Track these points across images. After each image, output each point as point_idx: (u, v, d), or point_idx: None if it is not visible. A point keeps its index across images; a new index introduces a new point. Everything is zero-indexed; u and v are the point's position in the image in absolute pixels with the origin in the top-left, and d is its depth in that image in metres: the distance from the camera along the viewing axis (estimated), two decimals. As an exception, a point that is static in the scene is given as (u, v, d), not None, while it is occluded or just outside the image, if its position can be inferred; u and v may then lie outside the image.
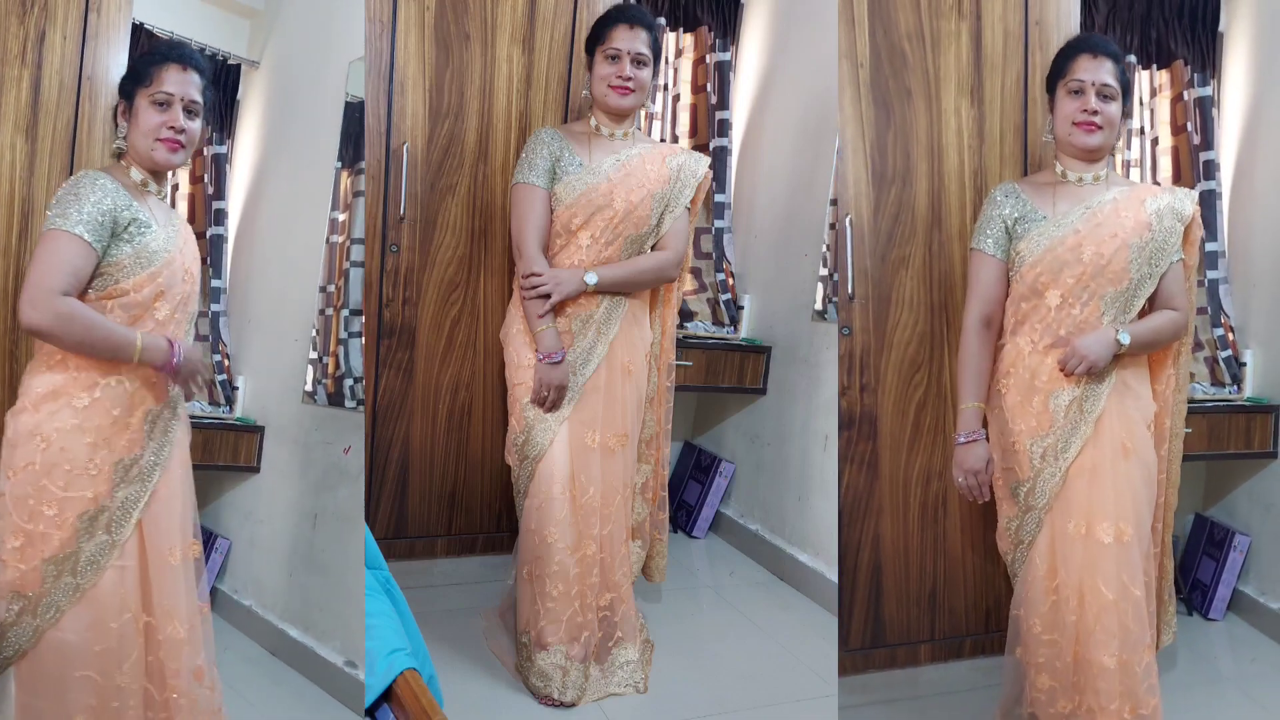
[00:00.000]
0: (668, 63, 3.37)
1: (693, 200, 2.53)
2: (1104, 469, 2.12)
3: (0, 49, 2.18)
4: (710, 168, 2.56)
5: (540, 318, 2.37)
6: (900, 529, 2.48)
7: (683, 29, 3.37)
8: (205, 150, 3.19)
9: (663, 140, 3.30)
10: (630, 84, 2.41)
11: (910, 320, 2.44)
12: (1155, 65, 3.06)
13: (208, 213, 3.20)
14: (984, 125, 2.45)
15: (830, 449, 2.90)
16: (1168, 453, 2.28)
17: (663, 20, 3.28)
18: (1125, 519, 2.10)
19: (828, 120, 2.91)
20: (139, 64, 2.00)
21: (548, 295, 2.36)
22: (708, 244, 3.35)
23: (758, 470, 3.25)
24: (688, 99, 3.39)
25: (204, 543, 3.03)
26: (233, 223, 3.22)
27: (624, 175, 2.43)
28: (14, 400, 1.91)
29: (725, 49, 3.34)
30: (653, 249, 2.48)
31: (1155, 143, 3.10)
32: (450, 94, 2.64)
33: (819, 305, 3.01)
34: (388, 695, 1.83)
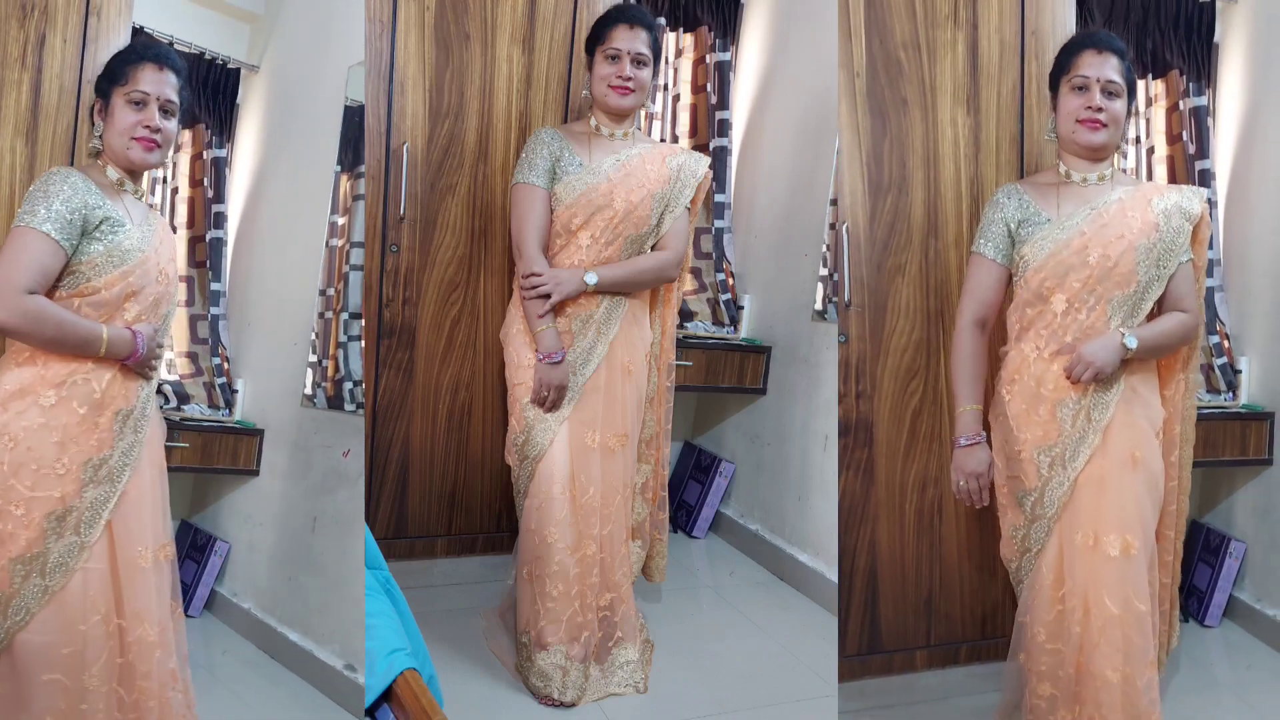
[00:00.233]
0: (668, 63, 3.37)
1: (693, 200, 2.53)
2: (1112, 480, 2.07)
3: (0, 52, 2.18)
4: (710, 168, 2.56)
5: (540, 318, 2.37)
6: (896, 535, 2.48)
7: (683, 29, 3.37)
8: (205, 154, 3.19)
9: (663, 140, 3.30)
10: (630, 84, 2.41)
11: (906, 328, 2.44)
12: (1151, 75, 3.06)
13: (207, 216, 3.20)
14: (980, 134, 2.45)
15: (830, 449, 2.90)
16: (1178, 459, 2.22)
17: (663, 20, 3.28)
18: (1132, 531, 2.05)
19: (828, 120, 2.91)
20: (115, 63, 1.99)
21: (548, 295, 2.36)
22: (708, 244, 3.35)
23: (758, 470, 3.25)
24: (688, 99, 3.39)
25: (203, 546, 3.06)
26: (232, 226, 3.22)
27: (624, 175, 2.43)
28: None
29: (725, 49, 3.34)
30: (653, 249, 2.48)
31: (1151, 152, 3.11)
32: (450, 94, 2.64)
33: (819, 305, 3.01)
34: (388, 695, 1.83)
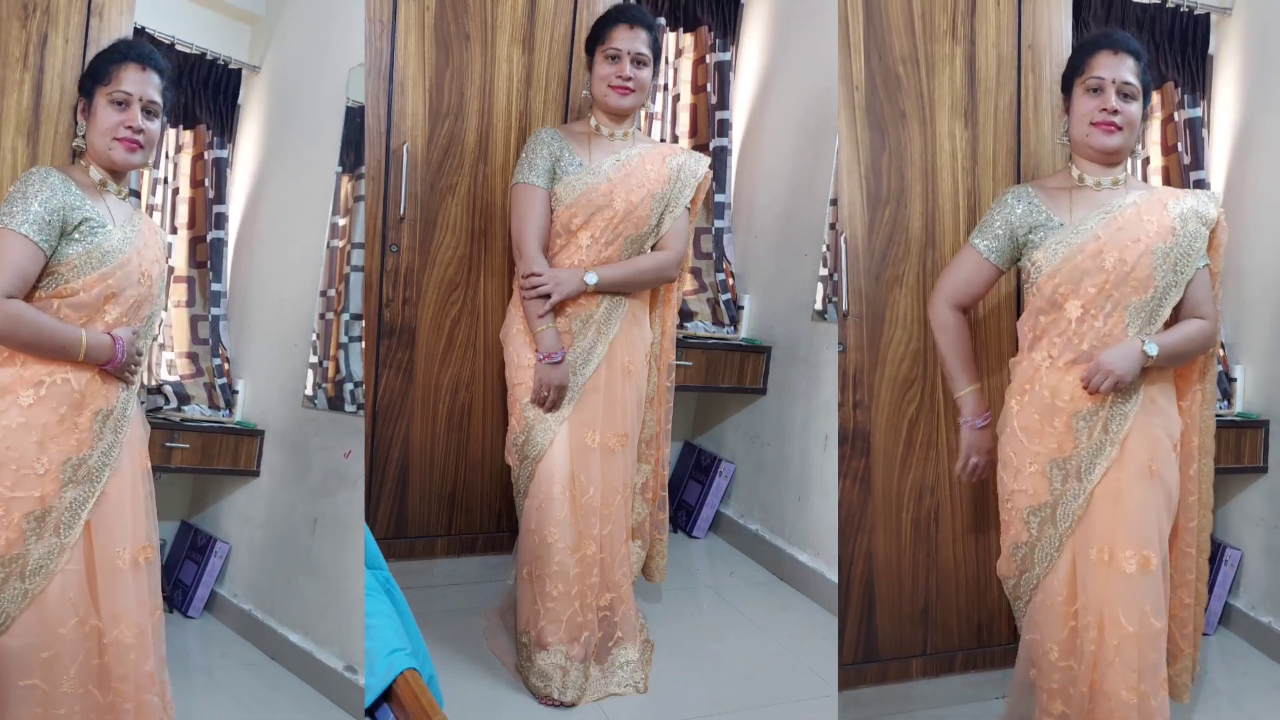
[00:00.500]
0: (668, 63, 3.37)
1: (693, 200, 2.53)
2: (1128, 493, 2.02)
3: (2, 52, 2.17)
4: (710, 168, 2.56)
5: (540, 318, 2.37)
6: (893, 544, 2.48)
7: (683, 29, 3.37)
8: (206, 154, 3.19)
9: (663, 140, 3.30)
10: (630, 84, 2.41)
11: (904, 338, 2.45)
12: (1147, 87, 3.09)
13: (208, 217, 3.20)
14: (978, 147, 2.45)
15: (830, 449, 2.90)
16: (1197, 472, 2.17)
17: (663, 20, 3.29)
18: (1150, 545, 2.01)
19: (828, 120, 2.91)
20: (98, 62, 1.98)
21: (548, 295, 2.36)
22: (708, 244, 3.35)
23: (758, 470, 3.25)
24: (688, 99, 3.40)
25: (203, 547, 3.06)
26: (233, 227, 3.22)
27: (624, 175, 2.43)
28: None
29: (725, 49, 3.35)
30: (653, 249, 2.48)
31: (1146, 163, 3.13)
32: (450, 94, 2.65)
33: (819, 305, 3.01)
34: (388, 695, 1.82)
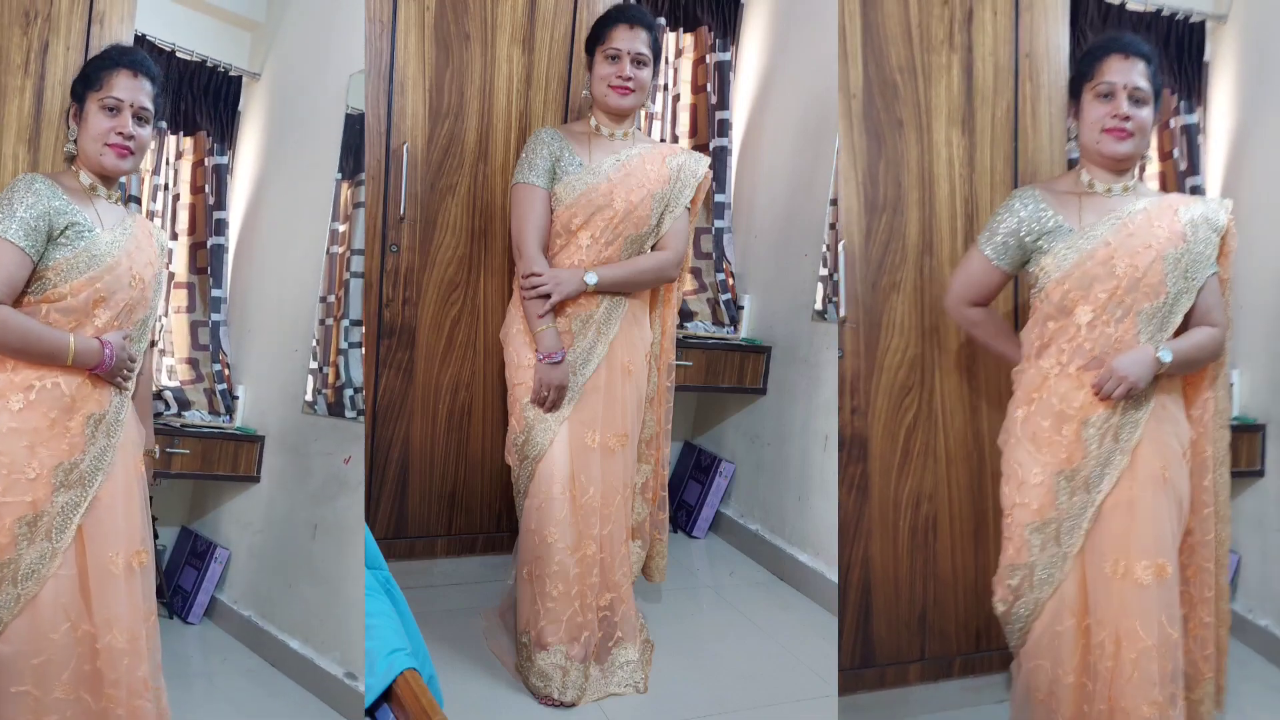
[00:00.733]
0: (668, 63, 3.38)
1: (693, 200, 2.53)
2: (1142, 502, 2.00)
3: (3, 59, 2.19)
4: (710, 168, 2.57)
5: (540, 318, 2.37)
6: (890, 551, 2.48)
7: (683, 29, 3.38)
8: (207, 160, 3.20)
9: (663, 140, 3.31)
10: (630, 84, 2.41)
11: (901, 345, 2.45)
12: (1143, 93, 3.12)
13: (208, 222, 3.20)
14: (975, 155, 2.46)
15: (830, 449, 2.89)
16: (1212, 483, 2.13)
17: (663, 20, 3.29)
18: (1165, 554, 1.98)
19: (828, 120, 2.91)
20: (90, 68, 1.98)
21: (548, 295, 2.36)
22: (708, 244, 3.35)
23: (758, 470, 3.24)
24: (688, 99, 3.40)
25: (203, 553, 3.05)
26: (233, 233, 3.22)
27: (624, 175, 2.43)
28: None
29: (725, 49, 3.35)
30: (653, 249, 2.48)
31: (1143, 168, 3.15)
32: (450, 94, 2.65)
33: (819, 305, 3.01)
34: (388, 695, 1.82)
